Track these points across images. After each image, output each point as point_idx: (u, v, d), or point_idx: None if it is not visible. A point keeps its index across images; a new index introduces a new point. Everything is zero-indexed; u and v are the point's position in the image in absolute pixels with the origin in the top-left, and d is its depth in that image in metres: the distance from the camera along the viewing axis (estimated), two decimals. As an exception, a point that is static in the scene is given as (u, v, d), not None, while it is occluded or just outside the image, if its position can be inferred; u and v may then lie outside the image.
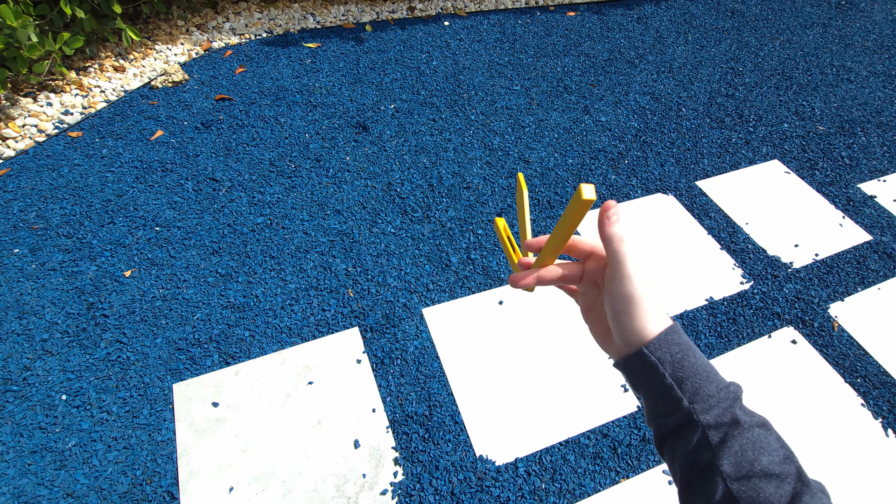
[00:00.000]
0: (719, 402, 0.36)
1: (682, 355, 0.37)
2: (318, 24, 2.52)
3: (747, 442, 0.34)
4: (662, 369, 0.37)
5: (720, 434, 0.35)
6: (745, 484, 0.33)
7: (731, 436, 0.34)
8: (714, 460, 0.34)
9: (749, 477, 0.33)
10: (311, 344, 1.33)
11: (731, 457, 0.34)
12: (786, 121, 2.17)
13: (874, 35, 2.76)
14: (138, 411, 1.18)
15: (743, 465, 0.33)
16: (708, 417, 0.35)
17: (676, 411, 0.36)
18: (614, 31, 2.63)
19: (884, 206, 1.83)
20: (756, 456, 0.34)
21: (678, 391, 0.36)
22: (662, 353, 0.37)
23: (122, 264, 1.45)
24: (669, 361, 0.37)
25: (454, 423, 1.22)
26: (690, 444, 0.35)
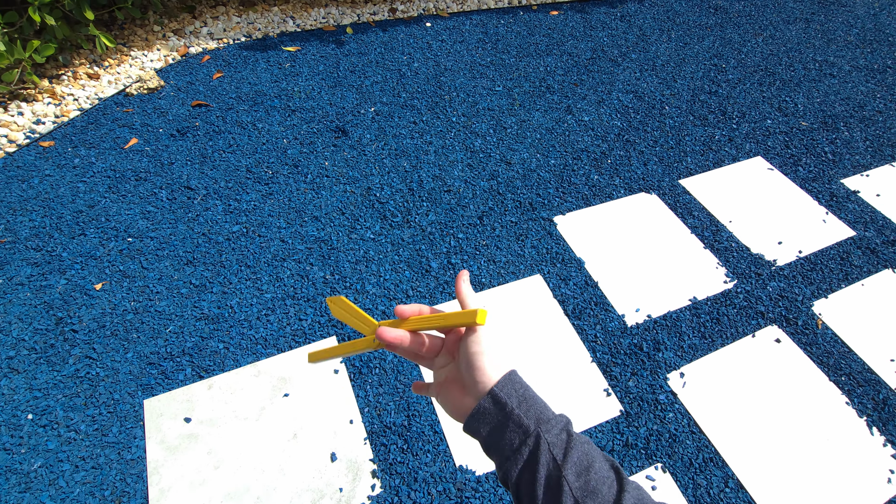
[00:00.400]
0: (556, 424, 0.43)
1: (524, 392, 0.45)
2: (298, 27, 2.49)
3: (583, 454, 0.41)
4: (511, 402, 0.44)
5: (561, 450, 0.41)
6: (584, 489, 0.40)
7: (570, 448, 0.41)
8: (561, 472, 0.40)
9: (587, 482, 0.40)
10: (288, 355, 1.30)
11: (572, 467, 0.41)
12: (769, 117, 2.16)
13: (857, 29, 2.76)
14: (107, 429, 1.15)
15: (581, 473, 0.40)
16: (551, 437, 0.42)
17: (527, 437, 0.42)
18: (597, 30, 2.62)
19: (867, 200, 1.82)
20: (590, 464, 0.41)
21: (526, 420, 0.43)
22: (509, 391, 0.44)
23: (93, 277, 1.41)
24: (515, 396, 0.44)
25: (433, 433, 1.20)
26: (541, 464, 0.41)
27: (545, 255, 1.58)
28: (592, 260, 1.57)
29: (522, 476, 0.42)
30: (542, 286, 1.50)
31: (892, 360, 1.38)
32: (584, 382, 1.30)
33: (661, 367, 1.34)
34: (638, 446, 1.20)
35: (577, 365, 1.33)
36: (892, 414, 1.28)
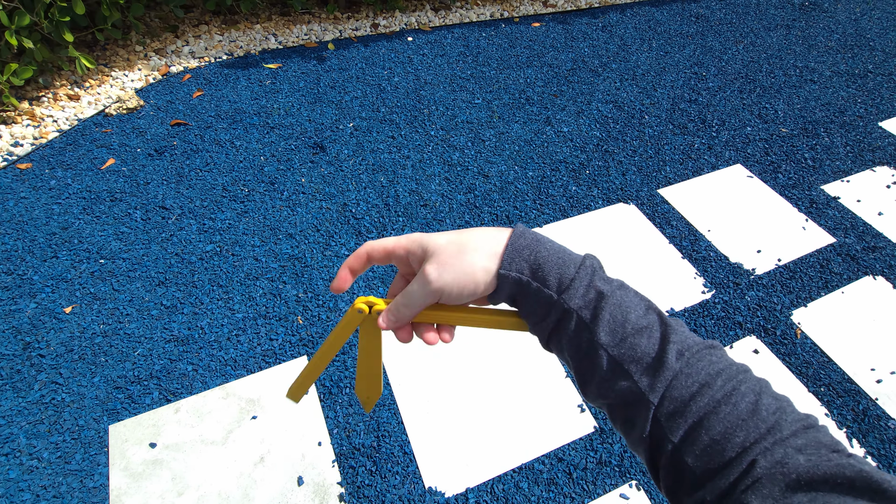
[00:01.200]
0: (581, 282, 0.37)
1: (535, 255, 0.38)
2: (280, 44, 2.50)
3: (614, 308, 0.36)
4: (525, 278, 0.37)
5: (590, 310, 0.36)
6: (622, 346, 0.35)
7: (600, 307, 0.36)
8: (593, 336, 0.36)
9: (624, 338, 0.35)
10: (257, 376, 1.29)
11: (604, 327, 0.36)
12: (749, 124, 2.16)
13: (837, 35, 2.77)
14: (70, 456, 1.13)
15: (616, 330, 0.36)
16: (577, 301, 0.37)
17: (551, 308, 0.37)
18: (578, 41, 2.63)
19: (847, 206, 1.81)
20: (625, 316, 0.36)
21: (545, 290, 0.37)
22: (518, 265, 0.37)
23: (63, 300, 1.40)
24: (527, 267, 0.37)
25: (403, 454, 1.18)
26: (570, 330, 0.37)
27: (521, 268, 1.57)
28: (569, 272, 1.56)
29: (552, 340, 0.39)
30: (518, 300, 1.48)
31: (872, 370, 1.36)
32: (557, 398, 1.28)
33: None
34: (612, 463, 1.18)
35: (550, 380, 1.31)
36: (873, 425, 1.26)
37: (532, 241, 0.38)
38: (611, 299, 0.36)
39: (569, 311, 0.37)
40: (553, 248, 0.38)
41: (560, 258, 0.38)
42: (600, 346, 0.36)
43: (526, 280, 0.37)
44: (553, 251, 0.38)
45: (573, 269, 0.37)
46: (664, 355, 0.35)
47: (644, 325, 0.36)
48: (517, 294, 0.38)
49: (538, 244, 0.38)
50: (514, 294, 0.39)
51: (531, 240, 0.38)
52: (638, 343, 0.35)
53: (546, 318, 0.38)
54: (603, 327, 0.36)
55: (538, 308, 0.38)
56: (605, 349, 0.36)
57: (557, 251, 0.38)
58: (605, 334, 0.36)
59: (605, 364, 0.36)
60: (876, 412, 1.28)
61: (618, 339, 0.36)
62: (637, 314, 0.36)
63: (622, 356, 0.35)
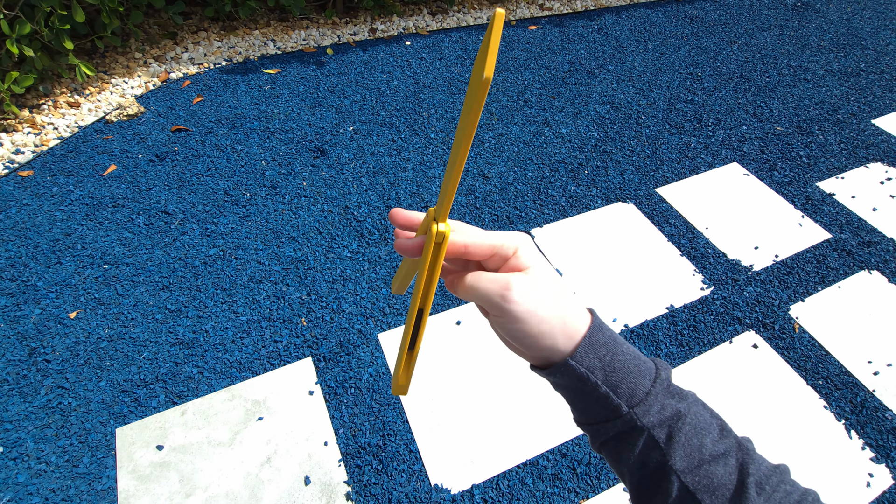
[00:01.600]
0: (657, 398, 0.33)
1: (611, 356, 0.34)
2: (279, 49, 2.52)
3: (690, 430, 0.33)
4: (595, 378, 0.33)
5: (665, 430, 0.33)
6: (697, 474, 0.32)
7: (676, 429, 0.33)
8: (666, 460, 0.32)
9: (700, 465, 0.32)
10: (262, 378, 1.30)
11: (679, 450, 0.32)
12: (744, 123, 2.19)
13: (830, 34, 2.80)
14: (78, 460, 1.14)
15: (693, 455, 0.32)
16: (651, 419, 0.33)
17: (616, 418, 0.34)
18: (575, 43, 2.65)
19: (842, 203, 1.84)
20: (701, 441, 0.33)
21: (615, 398, 0.33)
22: (591, 362, 0.33)
23: (68, 305, 1.41)
24: (599, 367, 0.33)
25: (409, 452, 1.19)
26: (637, 447, 0.33)
27: (522, 268, 1.58)
28: (570, 271, 1.58)
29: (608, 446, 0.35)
30: (519, 299, 1.50)
31: (869, 362, 1.38)
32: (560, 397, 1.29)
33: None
34: (615, 459, 1.19)
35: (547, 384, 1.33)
36: (870, 416, 1.28)
37: (609, 339, 0.34)
38: (688, 420, 0.33)
39: (638, 429, 0.33)
40: (628, 354, 0.34)
41: (636, 365, 0.34)
42: (673, 472, 0.32)
43: (594, 382, 0.33)
44: (629, 359, 0.34)
45: (648, 381, 0.34)
46: (745, 490, 0.31)
47: (721, 452, 0.33)
48: (576, 389, 0.35)
49: (616, 345, 0.34)
50: (571, 387, 0.35)
51: (609, 338, 0.34)
52: (714, 472, 0.32)
53: (606, 423, 0.34)
54: (678, 451, 0.32)
55: (599, 412, 0.34)
56: (678, 475, 0.32)
57: (632, 359, 0.34)
58: (681, 459, 0.32)
59: (674, 491, 0.32)
60: (874, 404, 1.30)
61: (693, 464, 0.32)
62: (713, 438, 0.33)
63: (696, 484, 0.32)
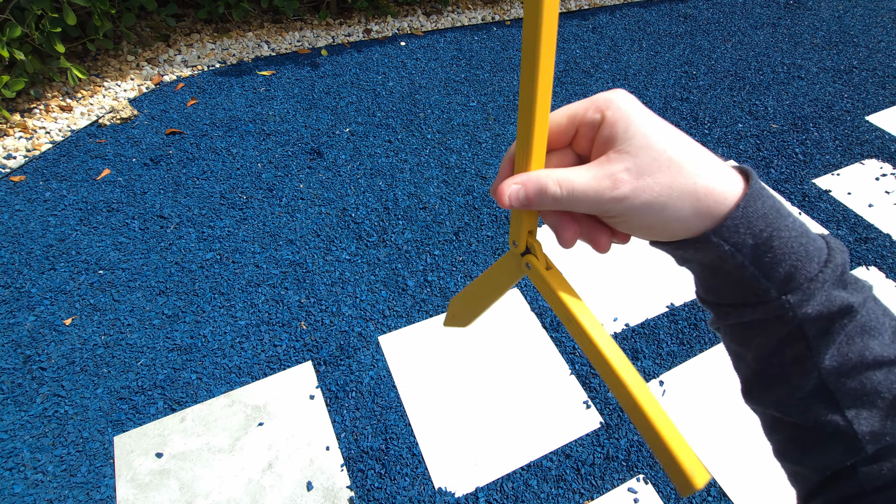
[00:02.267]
0: (823, 285, 0.26)
1: (771, 231, 0.25)
2: (273, 51, 2.50)
3: (855, 327, 0.26)
4: (741, 259, 0.26)
5: (821, 325, 0.26)
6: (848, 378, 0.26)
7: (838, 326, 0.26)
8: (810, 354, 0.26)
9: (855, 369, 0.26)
10: (262, 382, 1.28)
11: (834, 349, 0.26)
12: (740, 121, 2.19)
13: (822, 32, 2.82)
14: (76, 469, 1.12)
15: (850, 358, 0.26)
16: (808, 309, 0.26)
17: (760, 304, 0.27)
18: (570, 42, 2.65)
19: (838, 199, 1.85)
20: (865, 343, 0.26)
21: (763, 281, 0.26)
22: (742, 237, 0.25)
23: (63, 312, 1.39)
24: (751, 245, 0.26)
25: (412, 456, 1.18)
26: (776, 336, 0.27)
27: (522, 268, 1.58)
28: (570, 270, 1.57)
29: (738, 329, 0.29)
30: (520, 299, 1.49)
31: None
32: (563, 395, 1.29)
33: (641, 376, 1.34)
34: (619, 458, 1.19)
35: (556, 378, 1.32)
36: (872, 413, 1.28)
37: (772, 209, 0.26)
38: (857, 318, 0.26)
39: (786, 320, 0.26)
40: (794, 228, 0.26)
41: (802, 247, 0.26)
42: (816, 370, 0.26)
43: (739, 262, 0.26)
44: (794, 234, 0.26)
45: (814, 266, 0.26)
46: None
47: (889, 359, 0.26)
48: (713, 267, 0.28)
49: (779, 217, 0.26)
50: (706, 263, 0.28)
51: (770, 208, 0.26)
52: (871, 377, 0.26)
53: (743, 307, 0.28)
54: (832, 350, 0.26)
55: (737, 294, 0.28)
56: (821, 373, 0.26)
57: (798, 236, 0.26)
58: (832, 358, 0.26)
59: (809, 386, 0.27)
60: (875, 400, 1.31)
61: (847, 368, 0.26)
62: (882, 341, 0.26)
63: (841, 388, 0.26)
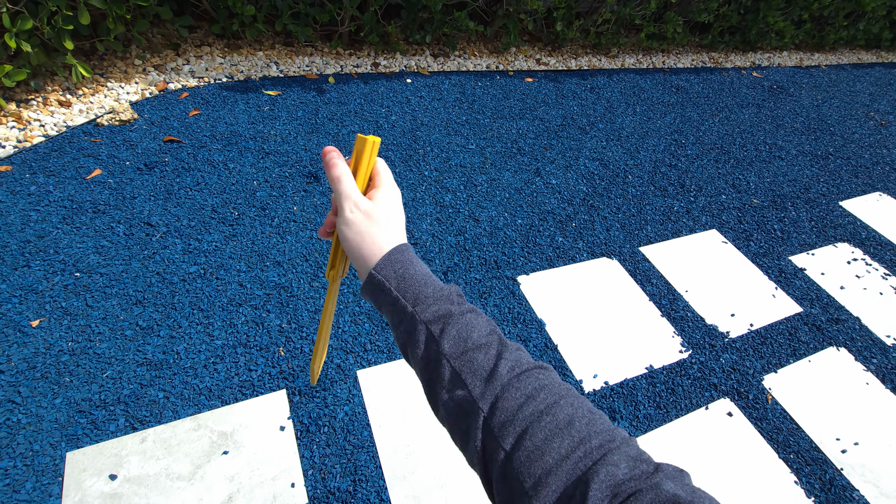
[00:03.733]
0: (436, 301, 0.43)
1: (404, 270, 0.44)
2: (281, 72, 2.54)
3: (462, 326, 0.41)
4: (388, 285, 0.44)
5: (439, 326, 0.41)
6: (461, 359, 0.40)
7: (448, 324, 0.41)
8: (438, 347, 0.41)
9: (465, 352, 0.40)
10: (232, 408, 1.23)
11: (449, 340, 0.41)
12: (723, 192, 2.29)
13: (801, 118, 3.01)
14: (20, 485, 1.04)
15: (459, 343, 0.40)
16: (427, 315, 0.42)
17: (405, 317, 0.43)
18: (568, 99, 2.77)
19: (812, 278, 1.92)
20: (468, 334, 0.41)
21: (403, 301, 0.43)
22: (387, 272, 0.44)
23: (31, 312, 1.33)
24: (394, 277, 0.44)
25: (379, 501, 1.14)
26: (420, 342, 0.42)
27: (507, 314, 1.59)
28: (553, 322, 1.59)
29: (406, 349, 0.43)
30: (503, 346, 1.49)
31: (837, 439, 1.42)
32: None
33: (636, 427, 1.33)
34: None
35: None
36: (839, 496, 1.30)
37: (408, 260, 0.45)
38: (459, 319, 0.42)
39: (419, 323, 0.42)
40: (420, 272, 0.45)
41: (423, 280, 0.44)
42: (443, 356, 0.40)
43: (388, 287, 0.43)
44: (419, 274, 0.44)
45: (430, 290, 0.43)
46: (496, 369, 0.39)
47: (484, 343, 0.41)
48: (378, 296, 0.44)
49: (410, 264, 0.45)
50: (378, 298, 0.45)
51: (408, 259, 0.45)
52: (476, 357, 0.40)
53: (399, 326, 0.43)
54: (448, 340, 0.41)
55: (394, 316, 0.44)
56: (447, 359, 0.40)
57: (423, 276, 0.44)
58: (449, 346, 0.40)
59: (447, 374, 0.40)
60: (841, 482, 1.33)
61: (459, 351, 0.40)
62: (479, 333, 0.41)
63: (461, 367, 0.40)
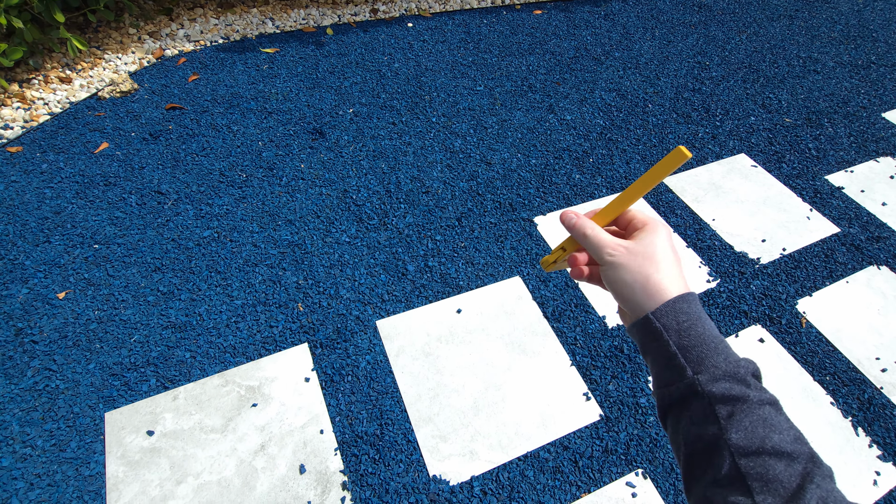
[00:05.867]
0: (727, 375, 0.34)
1: (690, 324, 0.36)
2: (278, 28, 2.45)
3: (758, 419, 0.32)
4: (667, 336, 0.36)
5: (728, 408, 0.33)
6: (753, 460, 0.31)
7: (740, 410, 0.33)
8: (722, 433, 0.32)
9: (759, 453, 0.31)
10: (257, 363, 1.26)
11: (740, 431, 0.32)
12: (752, 114, 2.14)
13: (840, 26, 2.75)
14: (65, 444, 1.10)
15: (753, 440, 0.31)
16: (714, 389, 0.33)
17: (680, 380, 0.35)
18: (581, 29, 2.59)
19: (851, 197, 1.80)
20: (767, 433, 0.32)
21: (682, 359, 0.35)
22: (668, 321, 0.36)
23: (57, 286, 1.36)
24: (675, 329, 0.36)
25: (406, 442, 1.16)
26: (696, 415, 0.34)
27: (525, 256, 1.55)
28: (573, 261, 1.54)
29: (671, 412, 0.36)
30: (522, 288, 1.46)
31: (877, 359, 1.36)
32: (563, 386, 1.27)
33: (643, 369, 1.31)
34: (618, 452, 1.17)
35: (556, 369, 1.30)
36: (878, 414, 1.26)
37: (696, 314, 0.37)
38: (756, 409, 0.33)
39: (699, 395, 0.34)
40: (710, 333, 0.36)
41: (714, 344, 0.35)
42: (727, 447, 0.32)
43: (665, 339, 0.36)
44: (709, 335, 0.36)
45: (721, 359, 0.35)
46: (803, 494, 0.29)
47: (788, 452, 0.31)
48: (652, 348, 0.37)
49: (700, 321, 0.37)
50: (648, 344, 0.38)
51: (695, 313, 0.37)
52: (773, 466, 0.30)
53: (668, 386, 0.36)
54: (738, 430, 0.32)
55: (665, 372, 0.37)
56: (731, 453, 0.31)
57: (713, 337, 0.36)
58: (739, 437, 0.32)
59: (725, 468, 0.31)
60: (881, 401, 1.28)
61: (752, 448, 0.31)
62: (782, 437, 0.32)
63: (749, 469, 0.31)
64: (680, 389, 0.35)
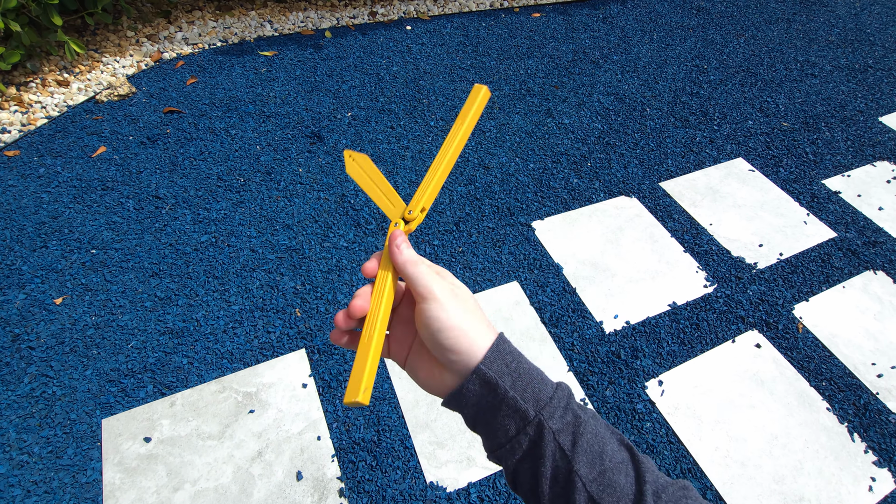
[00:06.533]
0: (559, 402, 0.35)
1: (517, 363, 0.36)
2: (276, 31, 2.45)
3: (591, 437, 0.34)
4: (503, 383, 0.34)
5: (569, 436, 0.34)
6: (600, 481, 0.33)
7: (578, 434, 0.34)
8: (571, 466, 0.33)
9: (602, 473, 0.33)
10: (254, 369, 1.26)
11: (583, 456, 0.33)
12: (750, 118, 2.15)
13: (838, 29, 2.76)
14: (62, 451, 1.10)
15: (594, 462, 0.33)
16: (555, 423, 0.34)
17: (526, 425, 0.34)
18: (579, 32, 2.60)
19: (848, 201, 1.81)
20: (601, 447, 0.34)
21: (522, 403, 0.34)
22: (499, 367, 0.35)
23: (54, 291, 1.36)
24: (507, 373, 0.35)
25: (404, 449, 1.16)
26: (546, 457, 0.34)
27: (522, 261, 1.55)
28: (571, 265, 1.54)
29: (522, 466, 0.35)
30: (519, 293, 1.47)
31: (873, 364, 1.36)
32: (560, 392, 1.27)
33: (640, 375, 1.31)
34: (615, 458, 1.17)
35: (553, 374, 1.30)
36: (874, 420, 1.26)
37: (513, 350, 0.36)
38: (588, 426, 0.34)
39: (546, 433, 0.34)
40: (530, 365, 0.36)
41: (539, 377, 0.36)
42: (579, 479, 0.33)
43: (503, 387, 0.34)
44: (531, 368, 0.36)
45: (550, 388, 0.35)
46: (643, 498, 0.32)
47: (620, 460, 0.34)
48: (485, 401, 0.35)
49: (519, 356, 0.36)
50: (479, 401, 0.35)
51: (512, 349, 0.37)
52: (616, 480, 0.33)
53: (517, 436, 0.34)
54: (582, 457, 0.33)
55: (509, 423, 0.35)
56: (584, 483, 0.33)
57: (534, 369, 0.36)
58: (585, 466, 0.33)
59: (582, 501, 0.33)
60: (877, 407, 1.28)
61: (596, 472, 0.33)
62: (612, 447, 0.34)
63: (600, 493, 0.32)
64: (529, 436, 0.34)
